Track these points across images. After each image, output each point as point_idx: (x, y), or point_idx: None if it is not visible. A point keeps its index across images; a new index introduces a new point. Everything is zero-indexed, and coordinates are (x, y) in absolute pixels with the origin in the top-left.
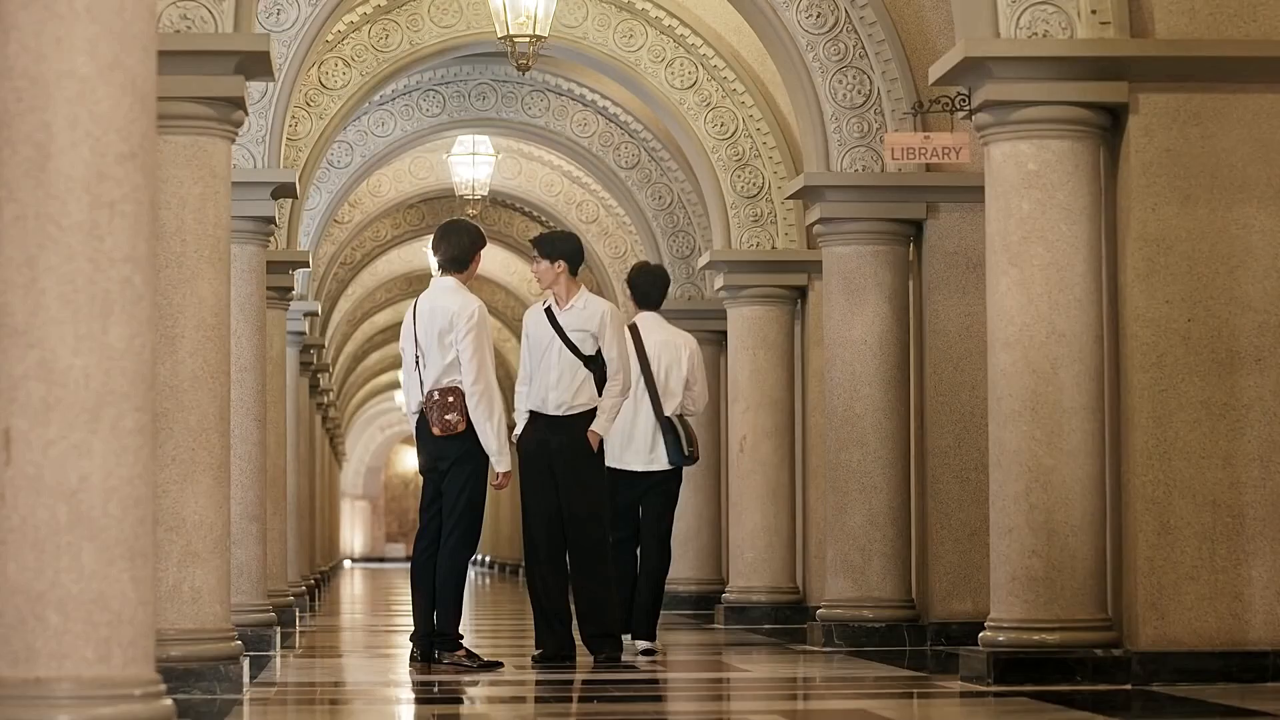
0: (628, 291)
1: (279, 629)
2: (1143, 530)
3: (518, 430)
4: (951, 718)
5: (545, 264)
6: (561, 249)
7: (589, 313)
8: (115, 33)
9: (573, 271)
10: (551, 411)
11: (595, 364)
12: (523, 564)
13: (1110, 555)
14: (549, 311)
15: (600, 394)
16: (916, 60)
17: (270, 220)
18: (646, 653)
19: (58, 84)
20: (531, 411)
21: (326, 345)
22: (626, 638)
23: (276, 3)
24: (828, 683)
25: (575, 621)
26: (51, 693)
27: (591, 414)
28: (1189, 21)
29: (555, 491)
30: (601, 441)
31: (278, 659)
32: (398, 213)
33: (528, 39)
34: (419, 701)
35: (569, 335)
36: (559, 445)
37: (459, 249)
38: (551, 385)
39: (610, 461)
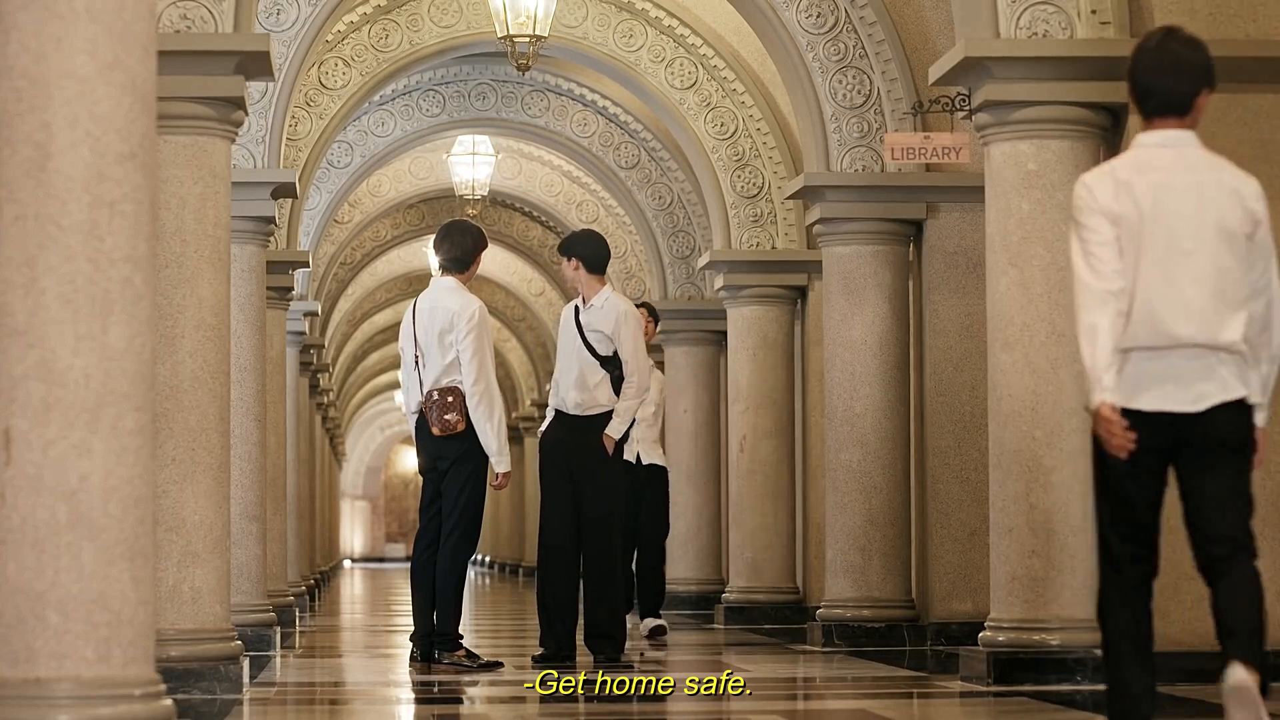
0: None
1: (279, 629)
2: None
3: (542, 427)
4: (951, 718)
5: (564, 263)
6: (576, 248)
7: (605, 313)
8: (115, 33)
9: (590, 270)
10: (571, 411)
11: (613, 365)
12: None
13: None
14: (577, 310)
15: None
16: (916, 60)
17: (270, 220)
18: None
19: (58, 84)
20: (556, 410)
21: (326, 345)
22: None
23: (276, 3)
24: (828, 683)
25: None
26: (51, 693)
27: (610, 416)
28: (1189, 21)
29: (572, 492)
30: (621, 444)
31: (278, 659)
32: (398, 213)
33: (528, 39)
34: (419, 701)
35: (586, 335)
36: (576, 446)
37: (462, 249)
38: (571, 385)
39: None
